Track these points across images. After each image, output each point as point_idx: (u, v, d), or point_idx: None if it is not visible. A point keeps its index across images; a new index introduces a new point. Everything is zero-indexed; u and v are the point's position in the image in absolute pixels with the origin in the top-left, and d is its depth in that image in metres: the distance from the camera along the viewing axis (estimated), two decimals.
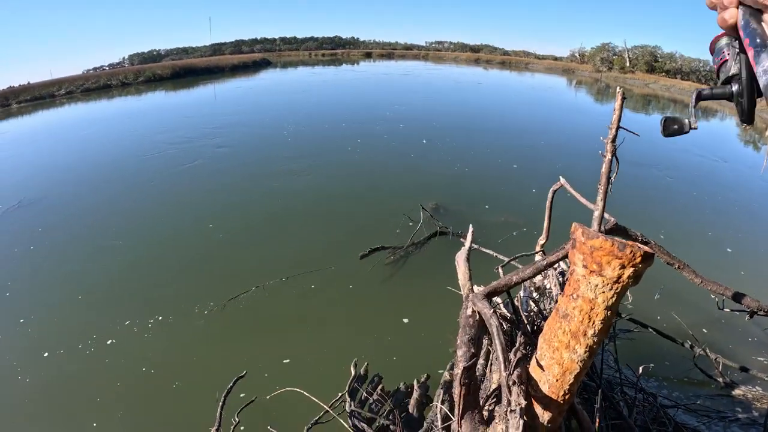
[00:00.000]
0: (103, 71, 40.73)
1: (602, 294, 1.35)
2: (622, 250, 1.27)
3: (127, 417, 3.78)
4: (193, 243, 6.60)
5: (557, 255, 1.72)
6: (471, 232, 2.28)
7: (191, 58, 50.09)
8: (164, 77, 34.11)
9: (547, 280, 2.79)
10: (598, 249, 1.30)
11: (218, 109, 19.24)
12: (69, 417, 3.84)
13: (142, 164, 10.76)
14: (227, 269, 5.90)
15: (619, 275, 1.31)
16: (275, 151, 11.46)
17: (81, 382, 4.16)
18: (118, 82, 32.07)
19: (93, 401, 3.93)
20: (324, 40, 67.60)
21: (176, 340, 4.65)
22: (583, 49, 52.20)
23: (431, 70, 41.77)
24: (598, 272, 1.32)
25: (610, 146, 2.15)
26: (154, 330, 4.76)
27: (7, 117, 21.86)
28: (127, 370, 4.25)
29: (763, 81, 0.58)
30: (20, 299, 5.39)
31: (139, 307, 5.11)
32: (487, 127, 15.19)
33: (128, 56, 54.06)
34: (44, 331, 4.82)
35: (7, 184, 9.86)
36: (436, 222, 6.81)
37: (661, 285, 5.13)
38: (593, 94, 31.92)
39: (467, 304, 1.68)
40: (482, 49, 64.28)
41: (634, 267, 1.29)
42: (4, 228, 7.35)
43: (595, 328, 1.41)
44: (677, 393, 3.90)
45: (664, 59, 43.89)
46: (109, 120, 18.32)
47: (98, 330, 4.77)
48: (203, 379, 4.09)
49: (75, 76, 34.19)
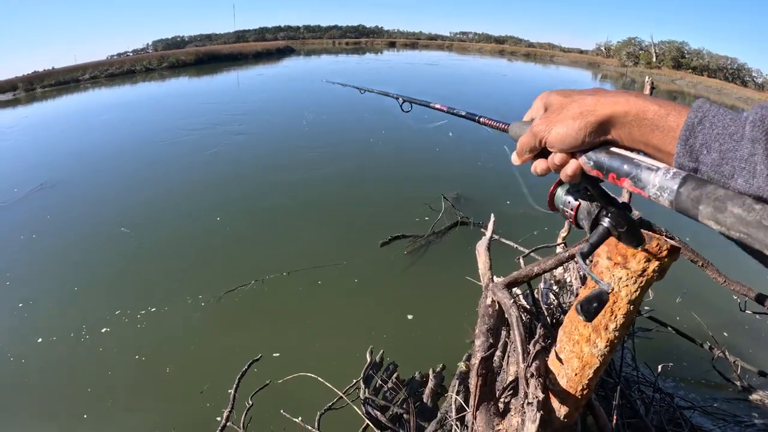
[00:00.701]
0: (127, 57, 41.24)
1: (626, 287, 1.32)
2: (648, 242, 1.24)
3: (117, 405, 3.81)
4: (200, 235, 6.59)
5: (580, 247, 1.70)
6: (492, 222, 2.26)
7: (215, 44, 50.40)
8: (188, 63, 34.33)
9: (567, 273, 2.75)
10: None
11: (240, 96, 19.24)
12: (60, 402, 3.88)
13: (159, 151, 10.84)
14: (238, 260, 5.91)
15: (644, 268, 1.27)
16: (294, 141, 11.34)
17: (72, 369, 4.20)
18: (141, 67, 32.40)
19: (84, 388, 3.96)
20: (348, 29, 67.57)
21: (172, 330, 4.64)
22: (609, 43, 51.39)
23: (456, 60, 41.32)
24: (622, 264, 1.29)
25: None
26: (149, 320, 4.76)
27: (32, 101, 22.29)
28: (119, 358, 4.27)
29: (665, 198, 0.58)
30: (21, 284, 5.44)
31: (136, 297, 5.10)
32: (515, 118, 14.85)
33: (152, 42, 54.82)
34: (41, 317, 4.87)
35: (34, 164, 10.12)
36: (457, 212, 6.77)
37: (682, 286, 5.04)
38: (618, 87, 31.39)
39: (487, 293, 1.66)
40: (507, 40, 63.65)
41: (660, 260, 1.26)
42: (27, 209, 7.55)
43: (617, 322, 1.38)
44: (694, 394, 3.85)
45: (691, 55, 42.93)
46: (131, 105, 18.53)
47: (94, 318, 4.80)
48: (197, 368, 4.11)
49: (99, 61, 34.67)
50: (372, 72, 29.44)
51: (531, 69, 39.66)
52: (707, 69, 41.46)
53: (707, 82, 36.95)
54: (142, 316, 4.80)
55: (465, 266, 5.06)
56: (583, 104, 0.65)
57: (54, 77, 28.11)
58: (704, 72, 41.11)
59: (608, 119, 0.64)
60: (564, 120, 0.66)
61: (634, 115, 0.62)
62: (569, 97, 0.69)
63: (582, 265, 0.70)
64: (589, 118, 0.64)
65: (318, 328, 4.69)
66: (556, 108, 0.69)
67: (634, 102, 0.62)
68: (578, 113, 0.65)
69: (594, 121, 0.64)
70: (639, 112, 0.61)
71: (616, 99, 0.64)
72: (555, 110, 0.69)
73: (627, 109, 0.62)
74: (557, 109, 0.68)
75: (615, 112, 0.63)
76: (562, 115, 0.67)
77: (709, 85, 35.38)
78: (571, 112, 0.66)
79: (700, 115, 0.56)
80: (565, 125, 0.66)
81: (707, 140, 0.55)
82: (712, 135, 0.55)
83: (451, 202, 6.98)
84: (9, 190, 8.31)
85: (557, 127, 0.67)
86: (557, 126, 0.67)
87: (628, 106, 0.62)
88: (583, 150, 0.67)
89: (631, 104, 0.62)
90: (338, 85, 2.35)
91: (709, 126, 0.56)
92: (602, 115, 0.64)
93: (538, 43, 62.13)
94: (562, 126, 0.66)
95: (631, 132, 0.63)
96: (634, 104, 0.62)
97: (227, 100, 17.69)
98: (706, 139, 0.56)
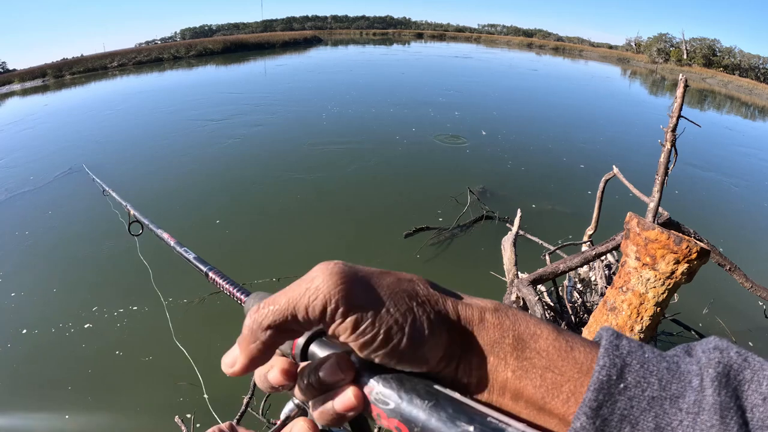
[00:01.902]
0: (155, 45, 41.91)
1: (653, 289, 1.32)
2: (678, 244, 1.23)
3: (98, 399, 3.80)
4: (203, 236, 6.34)
5: (607, 245, 1.68)
6: (519, 217, 2.25)
7: (242, 33, 50.81)
8: (215, 52, 34.74)
9: (592, 272, 2.73)
10: (653, 241, 1.26)
11: (265, 86, 19.18)
12: (39, 395, 3.88)
13: (174, 142, 10.73)
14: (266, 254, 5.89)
15: (672, 270, 1.27)
16: (315, 137, 10.71)
17: (53, 362, 4.20)
18: (169, 55, 32.84)
19: (63, 381, 3.96)
20: (375, 20, 67.67)
21: (156, 329, 4.48)
22: (639, 39, 50.37)
23: (484, 53, 40.65)
24: (651, 266, 1.28)
25: (670, 135, 2.06)
26: (132, 318, 4.71)
27: (60, 87, 22.87)
28: (100, 354, 4.24)
29: None
30: (15, 276, 5.48)
31: (122, 296, 5.01)
32: (546, 116, 14.31)
33: (180, 31, 55.57)
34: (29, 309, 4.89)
35: (60, 148, 10.41)
36: (483, 206, 6.72)
37: (708, 290, 4.93)
38: (648, 85, 30.68)
39: (511, 289, 1.66)
40: (535, 33, 62.93)
41: (689, 263, 1.25)
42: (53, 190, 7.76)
43: (643, 324, 1.38)
44: None
45: (722, 54, 41.75)
46: (156, 92, 18.83)
47: (78, 314, 4.75)
48: (179, 366, 3.97)
49: (127, 49, 35.37)
50: (405, 64, 28.70)
51: (561, 64, 38.91)
52: (739, 68, 40.33)
53: (738, 81, 35.85)
54: (124, 313, 4.79)
55: (488, 261, 5.04)
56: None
57: (82, 64, 28.81)
58: (735, 71, 39.96)
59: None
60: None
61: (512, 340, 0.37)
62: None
63: None
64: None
65: None
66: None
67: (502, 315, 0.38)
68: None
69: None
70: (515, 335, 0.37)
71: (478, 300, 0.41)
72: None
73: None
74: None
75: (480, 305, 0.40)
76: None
77: (740, 84, 34.31)
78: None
79: (619, 364, 0.33)
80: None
81: (631, 412, 0.32)
82: (642, 402, 0.32)
83: (477, 196, 6.93)
84: (42, 173, 8.58)
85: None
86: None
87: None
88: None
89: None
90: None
91: (635, 384, 0.32)
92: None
93: (566, 37, 61.31)
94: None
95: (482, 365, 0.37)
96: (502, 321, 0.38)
97: (250, 89, 17.82)
98: (630, 409, 0.32)
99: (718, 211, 7.90)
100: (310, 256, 5.35)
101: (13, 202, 7.55)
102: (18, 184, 8.14)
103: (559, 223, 6.38)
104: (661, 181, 2.07)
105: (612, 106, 18.33)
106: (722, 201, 8.42)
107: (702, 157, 10.46)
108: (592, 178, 7.51)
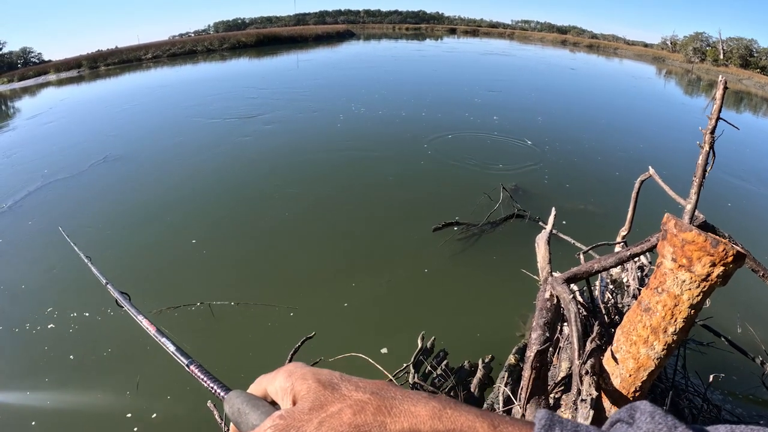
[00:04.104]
0: (188, 37, 42.54)
1: (688, 291, 1.33)
2: (714, 246, 1.24)
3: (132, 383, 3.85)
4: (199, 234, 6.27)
5: (642, 246, 1.69)
6: (553, 216, 2.26)
7: (275, 27, 51.21)
8: (248, 45, 35.15)
9: (625, 274, 2.72)
10: (690, 243, 1.27)
11: (294, 81, 18.94)
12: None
13: (187, 138, 10.71)
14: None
15: (708, 273, 1.27)
16: (334, 143, 10.10)
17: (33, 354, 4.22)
18: (203, 48, 33.41)
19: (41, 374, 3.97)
20: (408, 14, 67.38)
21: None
22: (675, 37, 49.01)
23: (519, 50, 39.85)
24: (687, 267, 1.29)
25: (709, 137, 2.04)
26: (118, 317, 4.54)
27: (95, 78, 23.51)
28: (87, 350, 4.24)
29: None
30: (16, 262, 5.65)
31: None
32: (590, 117, 13.82)
33: (213, 24, 56.25)
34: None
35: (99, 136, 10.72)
36: (515, 203, 6.68)
37: (739, 296, 4.83)
38: (684, 86, 29.83)
39: (545, 287, 1.68)
40: (570, 30, 61.76)
41: (725, 266, 1.26)
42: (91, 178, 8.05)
43: (677, 325, 1.39)
44: (741, 410, 3.71)
45: (760, 54, 40.24)
46: (188, 84, 19.24)
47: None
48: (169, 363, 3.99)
49: (161, 41, 36.01)
50: (437, 61, 28.21)
51: (597, 62, 37.97)
52: None
53: None
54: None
55: (517, 259, 5.00)
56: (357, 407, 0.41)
57: (117, 56, 29.56)
58: None
59: None
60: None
61: None
62: (330, 388, 0.44)
63: None
64: None
65: (366, 310, 4.72)
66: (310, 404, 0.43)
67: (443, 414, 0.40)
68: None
69: None
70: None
71: (413, 407, 0.41)
72: (309, 407, 0.42)
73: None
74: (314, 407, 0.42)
75: (414, 428, 0.40)
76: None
77: None
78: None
79: None
80: None
81: None
82: None
83: (510, 193, 6.87)
84: (79, 161, 8.92)
85: None
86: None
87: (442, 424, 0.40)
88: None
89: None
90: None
91: None
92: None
93: (601, 34, 59.94)
94: None
95: None
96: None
97: (279, 82, 18.00)
98: None
99: (753, 216, 7.64)
100: (345, 255, 5.37)
101: None
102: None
103: (590, 224, 6.30)
104: (699, 183, 2.06)
105: (655, 108, 17.47)
106: (757, 207, 8.14)
107: (736, 160, 10.13)
108: (627, 177, 7.26)
